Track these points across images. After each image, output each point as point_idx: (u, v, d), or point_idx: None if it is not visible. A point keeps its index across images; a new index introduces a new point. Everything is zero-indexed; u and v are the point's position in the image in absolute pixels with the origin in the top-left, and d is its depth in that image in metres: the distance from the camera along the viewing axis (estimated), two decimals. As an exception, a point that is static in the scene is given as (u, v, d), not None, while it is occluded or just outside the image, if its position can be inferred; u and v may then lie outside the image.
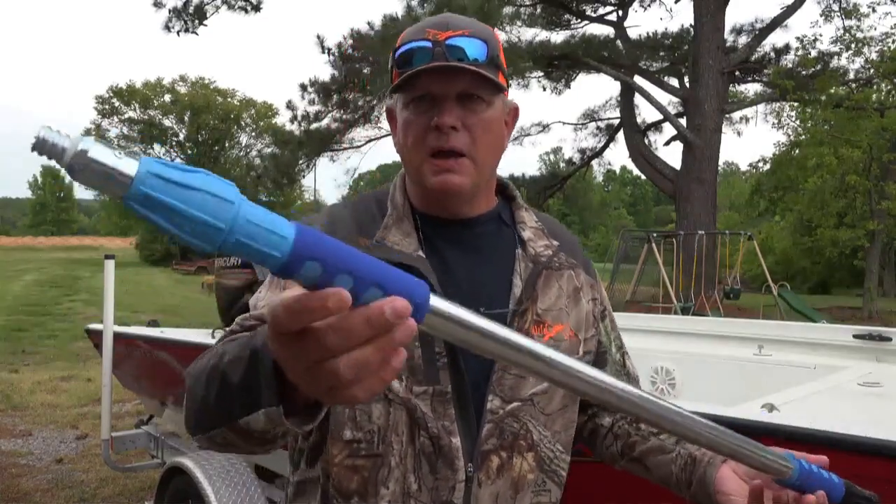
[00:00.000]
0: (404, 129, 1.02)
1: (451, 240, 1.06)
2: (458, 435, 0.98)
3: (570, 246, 1.15)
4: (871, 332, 3.03)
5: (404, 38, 1.01)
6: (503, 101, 1.05)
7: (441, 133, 0.97)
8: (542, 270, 1.08)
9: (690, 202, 14.59)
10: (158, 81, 44.55)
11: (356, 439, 0.98)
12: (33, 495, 4.60)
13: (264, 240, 0.45)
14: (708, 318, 6.24)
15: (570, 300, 1.10)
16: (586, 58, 15.97)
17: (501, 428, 1.01)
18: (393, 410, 0.98)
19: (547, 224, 1.16)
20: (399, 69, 1.00)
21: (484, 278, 1.06)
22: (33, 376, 8.48)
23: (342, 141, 17.81)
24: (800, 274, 29.41)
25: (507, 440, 1.01)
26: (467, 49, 0.98)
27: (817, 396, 2.25)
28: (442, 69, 0.96)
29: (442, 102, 0.98)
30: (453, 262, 1.05)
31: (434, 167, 0.99)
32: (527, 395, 1.03)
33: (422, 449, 0.98)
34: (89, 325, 4.56)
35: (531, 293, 1.06)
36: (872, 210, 17.61)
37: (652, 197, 68.31)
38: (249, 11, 17.07)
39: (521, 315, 1.04)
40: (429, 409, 0.98)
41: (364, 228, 1.05)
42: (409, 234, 1.04)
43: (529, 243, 1.10)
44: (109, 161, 0.40)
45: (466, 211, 1.07)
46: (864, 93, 15.06)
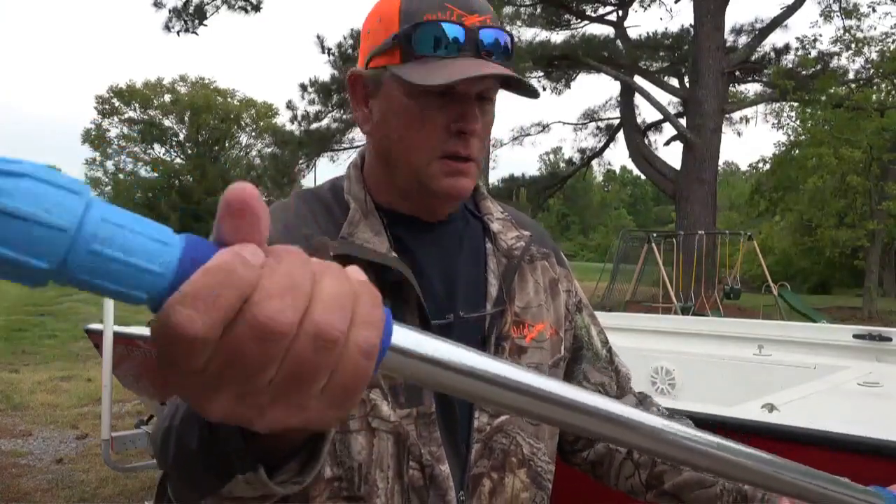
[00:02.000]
0: (408, 121, 0.87)
1: (420, 238, 0.94)
2: (445, 460, 0.87)
3: (539, 235, 1.05)
4: (871, 332, 3.03)
5: (420, 7, 0.84)
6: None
7: (461, 139, 0.86)
8: (517, 266, 0.97)
9: (690, 202, 14.59)
10: (158, 81, 44.54)
11: (338, 477, 0.84)
12: (33, 495, 4.60)
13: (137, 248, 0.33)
14: (708, 318, 6.25)
15: (548, 294, 1.01)
16: (586, 58, 15.98)
17: (490, 447, 0.91)
18: (377, 441, 0.85)
19: (513, 214, 1.04)
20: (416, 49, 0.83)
21: (459, 279, 0.94)
22: (33, 376, 8.48)
23: (342, 141, 17.83)
24: (800, 274, 29.40)
25: (498, 459, 0.91)
26: (499, 44, 0.85)
27: (817, 396, 2.25)
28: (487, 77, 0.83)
29: (466, 104, 0.85)
30: (426, 264, 0.92)
31: (448, 168, 0.87)
32: None
33: (411, 483, 0.86)
34: (89, 325, 4.55)
35: (508, 292, 0.95)
36: (872, 210, 17.61)
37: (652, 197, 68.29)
38: (249, 11, 17.08)
39: (499, 317, 0.94)
40: (415, 434, 0.87)
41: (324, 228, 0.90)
42: (378, 232, 0.90)
43: (500, 236, 0.98)
44: None
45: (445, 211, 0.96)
46: (864, 93, 15.06)
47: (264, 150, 31.81)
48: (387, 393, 0.86)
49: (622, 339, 3.73)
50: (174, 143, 45.13)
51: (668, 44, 17.12)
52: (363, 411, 0.85)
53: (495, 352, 0.93)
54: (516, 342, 0.95)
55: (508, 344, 0.94)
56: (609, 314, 4.58)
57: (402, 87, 0.86)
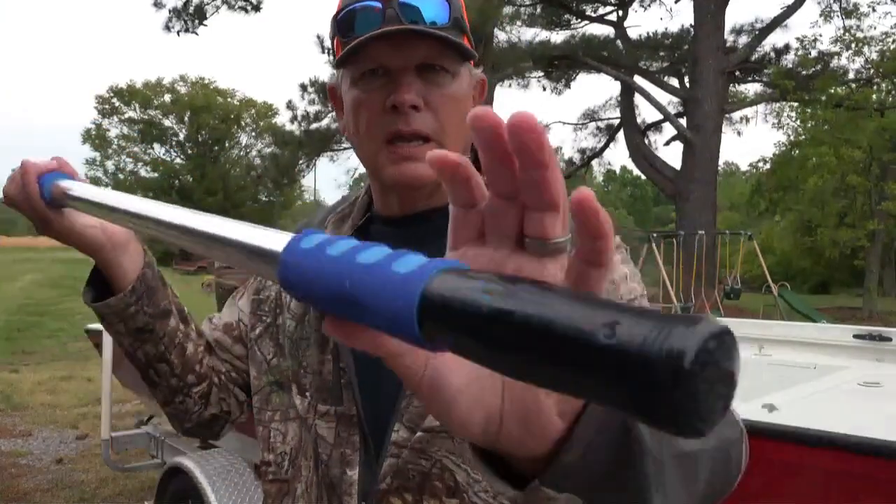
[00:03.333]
0: (354, 112, 0.84)
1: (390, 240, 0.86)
2: (356, 466, 0.83)
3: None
4: (871, 332, 3.03)
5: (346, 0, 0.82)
6: (470, 70, 0.87)
7: (399, 114, 0.79)
8: None
9: (690, 202, 14.58)
10: (158, 81, 44.54)
11: (266, 461, 0.92)
12: (33, 495, 4.60)
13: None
14: (708, 318, 6.24)
15: None
16: (586, 58, 15.97)
17: (400, 468, 0.81)
18: (303, 431, 0.88)
19: None
20: (342, 38, 0.81)
21: None
22: (33, 376, 8.48)
23: (342, 141, 17.82)
24: (800, 274, 29.38)
25: (413, 481, 0.80)
26: (424, 9, 0.78)
27: (817, 396, 2.25)
28: (396, 35, 0.78)
29: (399, 76, 0.80)
30: None
31: (392, 155, 0.81)
32: (436, 423, 0.78)
33: (322, 478, 0.86)
34: (89, 325, 4.55)
35: None
36: (873, 210, 17.61)
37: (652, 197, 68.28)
38: (249, 11, 17.07)
39: None
40: (331, 433, 0.85)
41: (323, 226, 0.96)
42: (342, 234, 0.90)
43: None
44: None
45: (425, 204, 0.88)
46: (864, 93, 15.05)
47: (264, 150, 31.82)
48: (307, 387, 0.88)
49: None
50: (174, 143, 45.11)
51: (668, 44, 17.11)
52: (290, 403, 0.90)
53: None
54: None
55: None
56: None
57: (348, 78, 0.84)
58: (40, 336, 12.04)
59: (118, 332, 0.92)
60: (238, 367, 1.02)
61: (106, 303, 0.89)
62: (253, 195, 40.38)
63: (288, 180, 18.76)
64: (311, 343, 0.89)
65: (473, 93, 0.89)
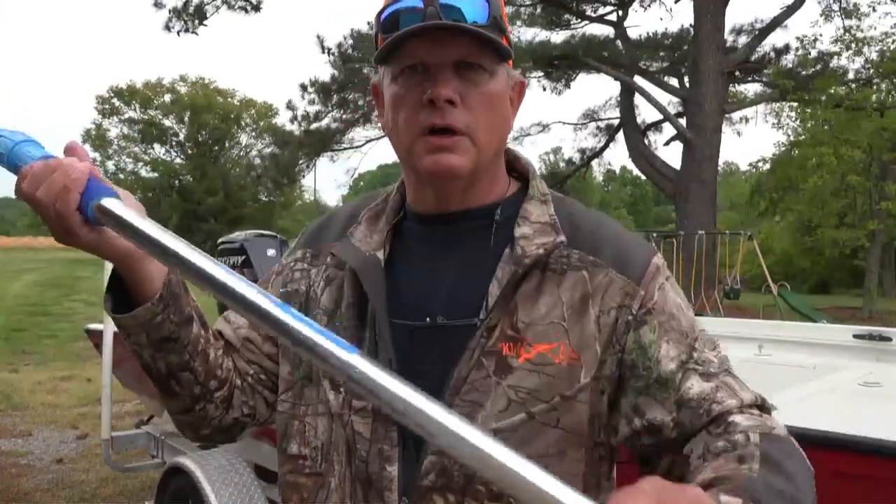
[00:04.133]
0: (393, 106, 0.86)
1: (427, 238, 0.92)
2: (395, 462, 0.84)
3: (594, 240, 0.89)
4: (871, 332, 3.03)
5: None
6: (508, 71, 0.89)
7: (435, 108, 0.82)
8: (526, 274, 0.85)
9: (690, 202, 14.57)
10: (158, 81, 44.50)
11: (301, 455, 0.92)
12: (33, 495, 4.60)
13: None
14: (708, 318, 6.24)
15: (573, 312, 0.85)
16: (586, 58, 15.97)
17: (445, 465, 0.82)
18: (335, 426, 0.89)
19: (566, 216, 0.91)
20: (384, 34, 0.84)
21: (453, 284, 0.89)
22: (33, 376, 8.48)
23: (342, 141, 17.82)
24: (800, 274, 29.38)
25: (457, 482, 0.82)
26: (465, 8, 0.81)
27: (817, 396, 2.26)
28: (435, 32, 0.80)
29: (436, 73, 0.82)
30: (419, 265, 0.91)
31: (428, 145, 0.83)
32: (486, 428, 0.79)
33: (357, 473, 0.87)
34: (89, 325, 4.55)
35: (507, 303, 0.85)
36: (872, 210, 17.61)
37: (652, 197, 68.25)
38: (249, 11, 17.06)
39: (491, 330, 0.84)
40: (367, 429, 0.86)
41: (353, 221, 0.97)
42: (378, 230, 0.93)
43: (520, 242, 0.87)
44: None
45: (458, 202, 0.90)
46: (864, 93, 15.05)
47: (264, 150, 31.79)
48: (340, 384, 0.88)
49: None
50: (174, 143, 45.08)
51: (668, 44, 17.10)
52: (324, 399, 0.90)
53: (475, 365, 0.84)
54: (506, 360, 0.83)
55: (492, 361, 0.84)
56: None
57: (389, 74, 0.87)
58: (40, 336, 12.04)
59: (139, 344, 0.86)
60: (266, 367, 0.99)
61: (132, 314, 0.83)
62: (253, 195, 40.34)
63: (288, 180, 18.76)
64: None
65: (511, 94, 0.90)
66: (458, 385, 0.84)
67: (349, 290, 0.93)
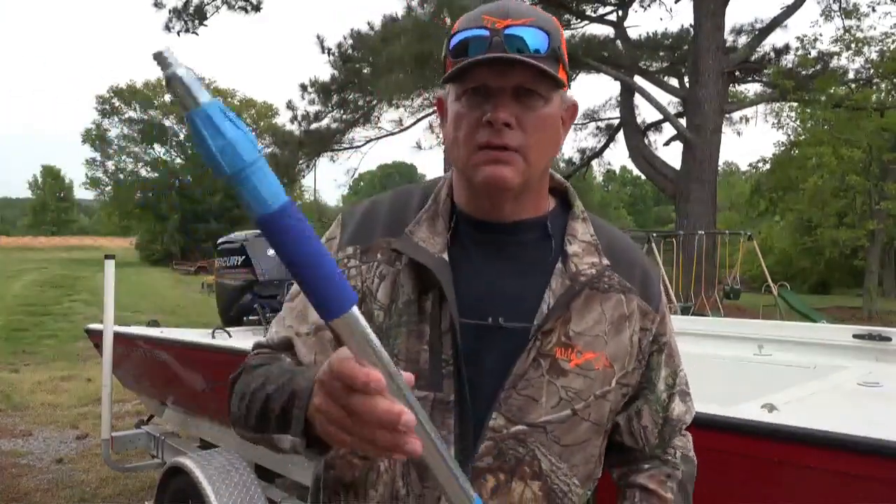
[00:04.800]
0: (455, 122, 0.96)
1: (484, 244, 1.01)
2: (452, 446, 0.95)
3: (628, 265, 1.04)
4: (871, 332, 3.03)
5: (460, 25, 0.96)
6: (562, 96, 0.99)
7: (494, 129, 0.92)
8: (581, 290, 0.98)
9: (690, 202, 14.57)
10: (159, 81, 44.46)
11: None
12: (33, 495, 4.60)
13: (268, 188, 0.60)
14: (708, 318, 6.24)
15: (612, 327, 1.00)
16: (586, 58, 15.96)
17: (501, 449, 0.96)
18: None
19: (606, 239, 1.05)
20: (454, 59, 0.94)
21: (510, 289, 0.99)
22: (33, 376, 8.48)
23: (342, 141, 17.82)
24: (800, 274, 29.37)
25: (509, 463, 0.96)
26: (527, 40, 0.91)
27: (817, 396, 2.25)
28: (498, 61, 0.90)
29: (497, 96, 0.92)
30: (479, 268, 1.00)
31: (484, 157, 0.94)
32: (537, 420, 0.96)
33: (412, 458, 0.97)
34: (89, 325, 4.56)
35: (562, 312, 0.97)
36: (872, 210, 17.61)
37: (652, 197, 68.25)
38: (249, 11, 17.06)
39: (546, 335, 0.97)
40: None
41: (397, 223, 1.02)
42: (439, 232, 1.00)
43: (573, 258, 1.00)
44: (193, 86, 0.57)
45: (510, 212, 1.00)
46: (864, 93, 15.05)
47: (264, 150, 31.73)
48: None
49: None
50: (174, 143, 45.09)
51: (668, 44, 17.10)
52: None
53: (533, 366, 0.96)
54: (559, 363, 0.97)
55: (548, 362, 0.97)
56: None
57: (453, 93, 0.97)
58: (40, 336, 12.04)
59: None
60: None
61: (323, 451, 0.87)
62: (253, 195, 40.42)
63: (288, 180, 18.72)
64: (401, 332, 0.98)
65: (564, 115, 1.01)
66: (515, 381, 0.96)
67: (408, 286, 0.99)
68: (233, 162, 0.58)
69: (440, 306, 0.97)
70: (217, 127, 0.57)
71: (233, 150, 0.58)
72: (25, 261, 35.77)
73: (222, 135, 0.57)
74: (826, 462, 1.47)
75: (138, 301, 17.20)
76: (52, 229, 70.21)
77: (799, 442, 1.49)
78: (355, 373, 0.66)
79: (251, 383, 0.95)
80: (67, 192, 74.80)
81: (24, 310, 15.55)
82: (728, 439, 1.57)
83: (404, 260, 0.99)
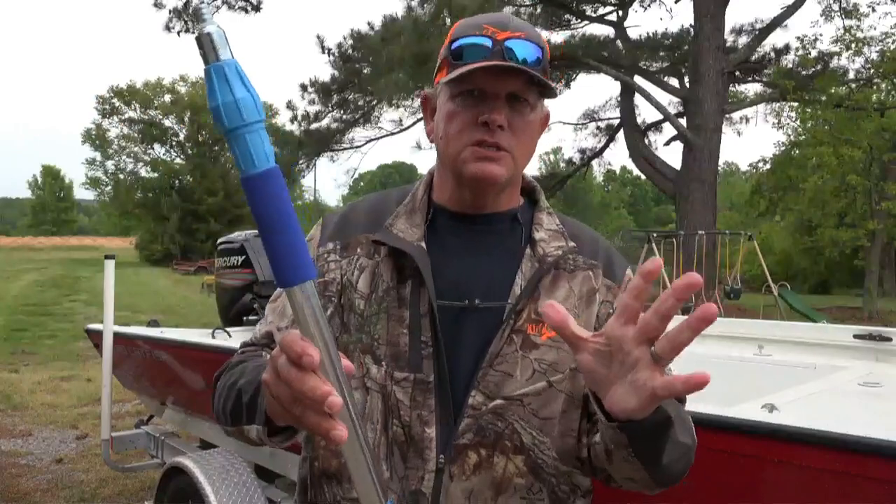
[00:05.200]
0: (447, 120, 1.03)
1: (459, 233, 1.09)
2: (433, 425, 1.00)
3: (592, 247, 1.13)
4: (871, 332, 3.03)
5: (461, 32, 1.03)
6: (542, 106, 1.08)
7: (488, 129, 1.00)
8: (548, 270, 1.06)
9: (690, 202, 14.58)
10: (159, 81, 44.55)
11: None
12: (33, 495, 4.60)
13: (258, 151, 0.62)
14: (708, 318, 6.23)
15: (582, 302, 1.07)
16: (586, 58, 15.96)
17: (481, 425, 1.00)
18: (370, 398, 1.02)
19: (570, 227, 1.14)
20: (454, 61, 1.01)
21: (484, 273, 1.06)
22: (33, 376, 8.48)
23: (342, 141, 17.82)
24: (800, 274, 29.37)
25: (489, 438, 1.00)
26: (524, 52, 0.99)
27: (817, 396, 2.25)
28: (498, 68, 0.98)
29: (493, 100, 1.00)
30: (455, 255, 1.07)
31: (476, 154, 1.01)
32: (514, 393, 1.01)
33: (394, 437, 1.01)
34: (89, 325, 4.55)
35: (532, 292, 1.04)
36: (873, 210, 17.59)
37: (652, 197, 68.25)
38: (249, 11, 17.07)
39: (519, 313, 1.03)
40: (407, 397, 1.01)
41: (377, 221, 1.09)
42: (416, 224, 1.08)
43: (540, 243, 1.09)
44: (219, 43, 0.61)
45: (489, 206, 1.09)
46: (864, 93, 15.05)
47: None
48: (381, 358, 1.02)
49: None
50: (174, 143, 45.07)
51: (668, 44, 17.10)
52: (360, 373, 1.03)
53: (506, 341, 1.02)
54: (530, 337, 1.03)
55: (521, 338, 1.03)
56: (609, 314, 4.58)
57: (447, 92, 1.04)
58: (40, 336, 12.05)
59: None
60: None
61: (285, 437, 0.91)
62: (253, 195, 40.43)
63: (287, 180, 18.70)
64: (382, 318, 1.04)
65: (541, 123, 1.09)
66: (491, 359, 1.01)
67: (387, 275, 1.06)
68: (233, 118, 0.61)
69: (419, 291, 1.03)
70: (229, 83, 0.61)
71: (236, 107, 0.61)
72: (25, 261, 35.79)
73: (231, 92, 0.61)
74: (826, 462, 1.47)
75: (138, 301, 17.20)
76: (52, 229, 70.24)
77: (799, 442, 1.49)
78: (293, 344, 0.67)
79: (229, 379, 1.00)
80: (67, 192, 74.85)
81: (24, 310, 15.55)
82: (728, 439, 1.57)
83: (383, 252, 1.06)
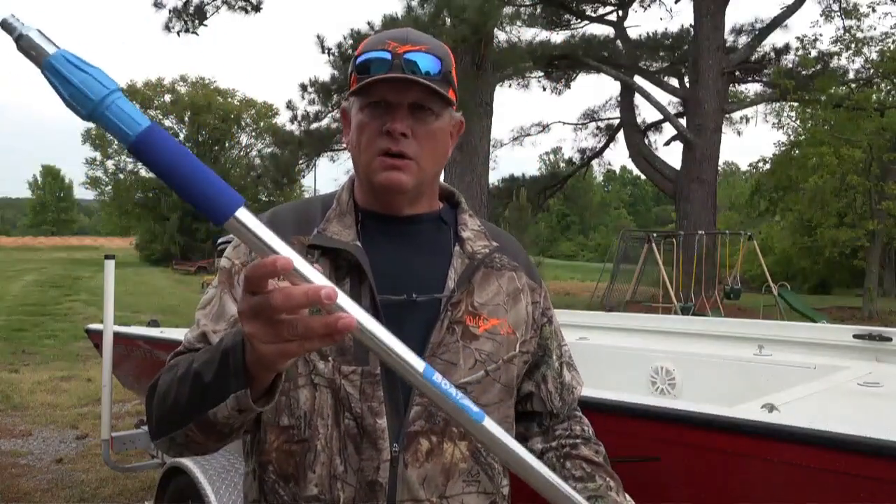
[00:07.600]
0: (358, 131, 1.09)
1: (389, 233, 1.14)
2: (384, 416, 1.03)
3: (513, 250, 1.21)
4: (871, 332, 3.02)
5: (365, 47, 1.09)
6: (451, 114, 1.13)
7: (392, 138, 1.05)
8: (478, 266, 1.13)
9: (690, 202, 14.59)
10: (159, 81, 44.55)
11: (291, 425, 1.05)
12: (33, 495, 4.60)
13: (125, 119, 0.63)
14: (708, 318, 6.24)
15: (510, 298, 1.15)
16: (586, 58, 15.98)
17: (430, 412, 1.04)
18: (318, 394, 1.04)
19: (490, 229, 1.22)
20: (358, 75, 1.07)
21: (419, 268, 1.11)
22: (33, 376, 8.48)
23: (342, 141, 17.80)
24: (800, 274, 29.38)
25: (438, 425, 1.04)
26: (422, 63, 1.05)
27: (817, 396, 2.25)
28: (397, 80, 1.04)
29: (395, 110, 1.05)
30: (389, 252, 1.11)
31: (383, 163, 1.06)
32: (458, 382, 1.04)
33: (346, 430, 1.03)
34: (89, 325, 4.55)
35: (466, 285, 1.11)
36: (872, 210, 17.59)
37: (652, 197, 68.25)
38: (249, 11, 17.07)
39: (455, 305, 1.09)
40: (356, 390, 1.03)
41: (305, 225, 1.12)
42: (349, 226, 1.11)
43: (468, 242, 1.15)
44: (39, 42, 0.62)
45: (407, 209, 1.14)
46: (864, 93, 15.05)
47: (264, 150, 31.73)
48: (327, 353, 1.04)
49: (622, 339, 3.73)
50: (174, 142, 44.96)
51: (668, 44, 17.11)
52: (307, 369, 1.05)
53: (447, 332, 1.08)
54: (469, 328, 1.09)
55: (461, 328, 1.09)
56: (609, 314, 4.58)
57: (357, 105, 1.09)
58: (40, 336, 12.04)
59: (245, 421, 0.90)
60: None
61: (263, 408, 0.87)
62: (253, 195, 40.33)
63: (288, 180, 18.74)
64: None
65: (452, 130, 1.15)
66: (434, 348, 1.06)
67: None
68: (84, 104, 0.62)
69: (359, 288, 1.06)
70: (64, 76, 0.61)
71: (81, 93, 0.62)
72: (25, 261, 35.79)
73: (70, 82, 0.61)
74: (826, 462, 1.47)
75: (138, 301, 17.20)
76: (52, 229, 70.25)
77: (799, 442, 1.49)
78: (264, 263, 0.67)
79: (174, 375, 0.96)
80: (67, 191, 74.86)
81: (24, 310, 15.55)
82: (728, 439, 1.57)
83: (317, 254, 1.09)
